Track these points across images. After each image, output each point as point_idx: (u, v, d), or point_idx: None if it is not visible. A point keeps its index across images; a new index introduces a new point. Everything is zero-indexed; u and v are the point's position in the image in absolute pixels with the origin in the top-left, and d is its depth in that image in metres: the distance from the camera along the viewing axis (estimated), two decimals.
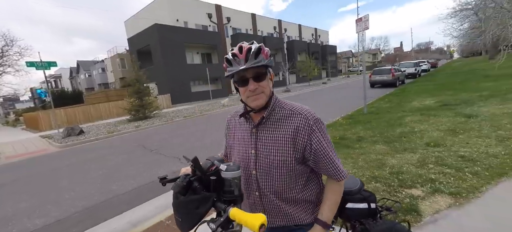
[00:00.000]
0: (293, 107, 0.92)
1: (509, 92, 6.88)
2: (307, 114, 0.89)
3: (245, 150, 0.97)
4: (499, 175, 2.47)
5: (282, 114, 0.92)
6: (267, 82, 0.89)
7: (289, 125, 0.89)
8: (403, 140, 4.08)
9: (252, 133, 0.95)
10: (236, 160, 1.02)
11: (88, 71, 42.92)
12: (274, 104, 0.94)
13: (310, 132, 0.87)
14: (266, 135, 0.92)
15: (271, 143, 0.90)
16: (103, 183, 4.27)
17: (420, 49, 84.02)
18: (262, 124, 0.93)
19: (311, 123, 0.87)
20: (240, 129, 1.02)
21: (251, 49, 0.84)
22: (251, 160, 0.94)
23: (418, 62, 25.78)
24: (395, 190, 2.52)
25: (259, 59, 0.83)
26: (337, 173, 0.90)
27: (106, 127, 11.70)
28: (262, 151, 0.92)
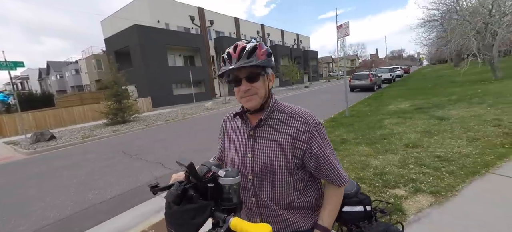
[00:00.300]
0: (293, 110, 0.89)
1: (474, 96, 7.50)
2: (307, 117, 0.86)
3: (241, 154, 0.93)
4: (473, 174, 2.65)
5: (281, 117, 0.88)
6: (262, 83, 0.85)
7: (288, 128, 0.86)
8: (384, 142, 4.26)
9: (249, 136, 0.91)
10: (231, 164, 0.97)
11: (59, 73, 40.12)
12: (273, 106, 0.90)
13: (311, 137, 0.84)
14: (264, 139, 0.88)
15: (269, 147, 0.87)
16: (78, 191, 3.96)
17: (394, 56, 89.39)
18: (260, 127, 0.89)
19: (312, 127, 0.84)
20: (237, 132, 0.98)
21: (245, 48, 0.81)
22: (248, 165, 0.90)
23: (392, 68, 27.41)
24: (380, 191, 2.61)
25: (251, 59, 0.80)
26: (338, 179, 0.88)
27: (80, 132, 10.96)
28: (260, 155, 0.88)
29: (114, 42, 22.74)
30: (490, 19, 11.43)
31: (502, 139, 3.54)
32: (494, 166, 2.77)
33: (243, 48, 0.81)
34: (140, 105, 17.51)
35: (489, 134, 3.87)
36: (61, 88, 39.41)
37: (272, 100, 0.90)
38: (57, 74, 40.26)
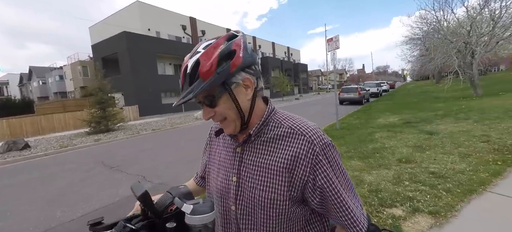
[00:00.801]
0: (294, 124, 0.65)
1: (459, 112, 7.69)
2: (312, 135, 0.61)
3: (224, 175, 0.71)
4: (470, 192, 2.56)
5: (278, 133, 0.65)
6: (227, 103, 0.61)
7: (285, 149, 0.62)
8: (376, 156, 4.17)
9: (235, 154, 0.70)
10: (213, 187, 0.76)
11: (42, 78, 38.51)
12: (268, 118, 0.67)
13: (315, 164, 0.59)
14: (253, 159, 0.66)
15: (258, 172, 0.64)
16: (45, 208, 3.55)
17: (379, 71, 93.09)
18: (250, 143, 0.68)
19: (318, 149, 0.59)
20: (222, 145, 0.76)
21: (187, 69, 0.58)
22: (231, 191, 0.69)
23: (379, 83, 28.29)
24: (377, 210, 2.45)
25: (191, 88, 0.57)
26: (352, 225, 0.61)
27: (58, 141, 10.30)
28: (246, 180, 0.66)
29: (102, 48, 22.19)
30: (469, 39, 12.06)
31: (493, 156, 3.53)
32: (490, 184, 2.70)
33: (185, 69, 0.58)
34: (126, 113, 16.89)
35: (480, 150, 3.86)
36: (43, 94, 37.72)
37: (268, 109, 0.68)
38: (40, 80, 38.62)
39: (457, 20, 13.02)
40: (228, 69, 0.57)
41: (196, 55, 0.58)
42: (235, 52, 0.58)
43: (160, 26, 24.94)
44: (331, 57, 8.07)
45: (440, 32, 13.11)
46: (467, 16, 12.45)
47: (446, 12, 12.98)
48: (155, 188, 4.04)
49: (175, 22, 26.39)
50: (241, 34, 0.62)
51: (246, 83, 0.61)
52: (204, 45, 0.59)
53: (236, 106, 0.62)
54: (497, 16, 11.33)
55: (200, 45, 0.60)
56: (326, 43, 8.09)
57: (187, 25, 27.45)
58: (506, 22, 11.49)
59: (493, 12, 11.54)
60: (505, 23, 11.54)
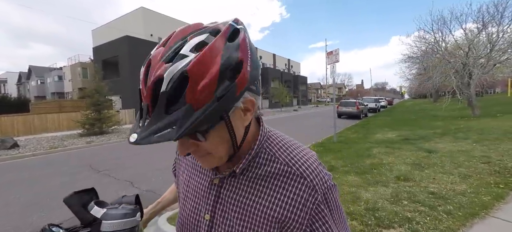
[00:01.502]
0: (291, 159, 0.49)
1: (458, 131, 7.62)
2: (313, 178, 0.47)
3: (194, 208, 0.55)
4: (472, 216, 2.42)
5: (271, 170, 0.49)
6: (218, 137, 0.42)
7: (278, 192, 0.47)
8: (374, 172, 4.02)
9: (211, 185, 0.53)
10: (178, 218, 0.60)
11: (41, 78, 38.40)
12: (260, 149, 0.50)
13: (315, 214, 0.46)
14: (235, 198, 0.50)
15: (239, 216, 0.49)
16: (22, 213, 3.34)
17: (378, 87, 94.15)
18: (232, 177, 0.51)
19: (320, 198, 0.46)
20: (193, 167, 0.59)
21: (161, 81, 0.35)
22: (202, 230, 0.53)
23: (378, 99, 28.45)
24: (373, 230, 2.29)
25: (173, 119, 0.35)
26: None
27: (49, 141, 10.05)
28: (223, 222, 0.51)
29: (103, 51, 22.27)
30: (466, 60, 12.20)
31: (495, 178, 3.40)
32: (493, 208, 2.57)
33: (159, 80, 0.35)
34: (122, 116, 16.70)
35: (480, 171, 3.74)
36: (40, 94, 37.48)
37: (260, 136, 0.50)
38: (38, 80, 38.49)
39: (455, 42, 13.23)
40: (233, 92, 0.37)
41: (179, 61, 0.35)
42: (241, 63, 0.38)
43: (162, 32, 25.19)
44: (331, 70, 8.06)
45: (439, 52, 13.28)
46: (465, 38, 12.66)
47: (445, 34, 13.20)
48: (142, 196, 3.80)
49: None
50: (242, 26, 0.42)
51: (247, 105, 0.43)
52: (194, 44, 0.36)
53: (231, 138, 0.43)
54: (494, 39, 11.51)
55: (181, 39, 0.38)
56: (326, 57, 8.11)
57: None
58: (503, 46, 11.68)
59: (490, 35, 11.73)
60: (502, 47, 11.72)
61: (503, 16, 11.30)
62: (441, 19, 12.99)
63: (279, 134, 0.54)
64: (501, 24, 11.39)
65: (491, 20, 11.59)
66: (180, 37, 0.38)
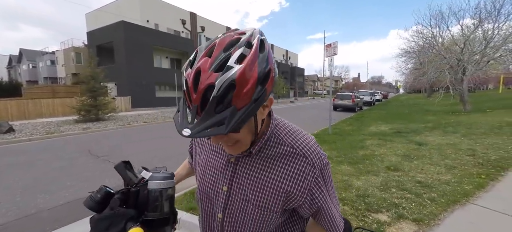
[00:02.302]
0: (296, 142, 0.62)
1: (448, 125, 7.88)
2: (314, 158, 0.60)
3: (213, 181, 0.68)
4: (453, 202, 2.61)
5: (279, 151, 0.61)
6: (247, 129, 0.53)
7: (285, 169, 0.60)
8: (366, 162, 4.21)
9: (228, 163, 0.65)
10: (198, 190, 0.74)
11: (32, 62, 37.45)
12: (271, 134, 0.62)
13: (313, 186, 0.60)
14: (249, 174, 0.63)
15: (252, 188, 0.62)
16: (25, 194, 3.43)
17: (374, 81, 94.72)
18: (247, 156, 0.63)
19: (317, 172, 0.60)
20: (212, 150, 0.71)
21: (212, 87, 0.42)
22: (220, 200, 0.66)
23: (373, 92, 28.76)
24: (363, 214, 2.47)
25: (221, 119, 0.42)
26: (332, 228, 0.66)
27: (45, 127, 10.00)
28: (239, 192, 0.64)
29: (97, 36, 21.74)
30: (461, 56, 12.40)
31: (478, 169, 3.62)
32: (474, 196, 2.76)
33: (210, 87, 0.42)
34: (118, 103, 16.58)
35: (465, 163, 3.96)
36: (32, 78, 36.66)
37: (271, 125, 0.62)
38: (30, 64, 37.55)
39: (451, 37, 13.38)
40: (264, 95, 0.46)
41: (228, 71, 0.42)
42: (270, 72, 0.47)
43: (159, 19, 24.64)
44: (329, 63, 8.14)
45: (435, 47, 13.44)
46: (462, 34, 12.81)
47: (442, 29, 13.32)
48: None
49: (175, 16, 26.12)
50: (264, 37, 0.50)
51: (267, 103, 0.54)
52: (237, 56, 0.44)
53: (255, 129, 0.55)
54: (490, 36, 11.69)
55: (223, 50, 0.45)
56: (325, 49, 8.17)
57: (187, 20, 27.18)
58: (497, 43, 11.88)
59: (486, 32, 11.90)
60: (496, 44, 11.93)
61: (499, 13, 11.45)
62: (439, 14, 13.08)
63: (285, 122, 0.68)
64: (497, 21, 11.56)
65: (488, 17, 11.74)
66: (222, 48, 0.46)
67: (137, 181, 0.62)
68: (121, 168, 0.64)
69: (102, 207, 0.56)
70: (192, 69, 0.45)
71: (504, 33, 11.63)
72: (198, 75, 0.44)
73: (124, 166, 0.65)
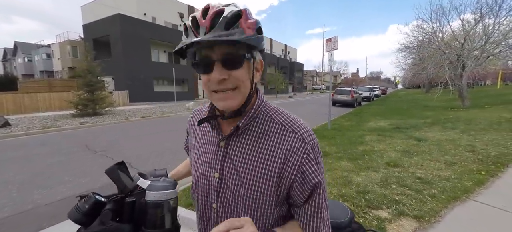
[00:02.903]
0: (285, 120, 0.60)
1: (447, 121, 7.89)
2: (303, 133, 0.58)
3: (205, 170, 0.65)
4: (454, 199, 2.60)
5: (268, 128, 0.60)
6: (246, 71, 0.56)
7: (275, 146, 0.58)
8: (365, 158, 4.19)
9: (218, 148, 0.63)
10: (193, 181, 0.70)
11: (28, 55, 36.90)
12: (258, 109, 0.61)
13: (305, 163, 0.56)
14: (239, 155, 0.60)
15: (243, 169, 0.59)
16: (22, 190, 3.38)
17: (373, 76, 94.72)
18: (236, 137, 0.61)
19: (309, 148, 0.56)
20: (202, 138, 0.69)
21: (222, 13, 0.50)
22: (213, 188, 0.63)
23: (372, 88, 28.75)
24: (363, 211, 2.45)
25: (232, 31, 0.49)
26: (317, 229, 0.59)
27: (42, 121, 9.89)
28: (230, 177, 0.61)
29: (93, 29, 21.39)
30: (461, 51, 12.36)
31: (478, 165, 3.61)
32: (474, 192, 2.76)
33: (219, 12, 0.50)
34: (115, 98, 16.46)
35: (465, 159, 3.95)
36: (28, 72, 36.18)
37: (258, 100, 0.62)
38: (25, 57, 37.00)
39: (452, 33, 13.30)
40: (259, 40, 0.54)
41: (232, 6, 0.52)
42: (261, 29, 0.56)
43: (157, 12, 24.26)
44: (328, 58, 8.06)
45: (435, 42, 13.37)
46: (462, 29, 12.73)
47: (443, 24, 13.22)
48: None
49: (173, 9, 25.75)
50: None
51: (258, 65, 0.61)
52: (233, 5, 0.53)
53: (250, 81, 0.58)
54: (490, 31, 11.63)
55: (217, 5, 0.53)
56: (325, 44, 8.07)
57: (184, 13, 26.84)
58: (497, 38, 11.83)
59: (486, 27, 11.83)
60: (496, 40, 11.88)
61: (500, 8, 11.37)
62: (440, 8, 12.97)
63: (273, 104, 0.66)
64: (498, 16, 11.48)
65: (489, 12, 11.65)
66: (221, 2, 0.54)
67: (133, 187, 0.55)
68: (114, 172, 0.55)
69: (91, 219, 0.48)
70: (199, 10, 0.53)
71: (504, 28, 11.57)
72: (206, 10, 0.52)
73: (117, 169, 0.56)
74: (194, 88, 25.69)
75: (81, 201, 0.50)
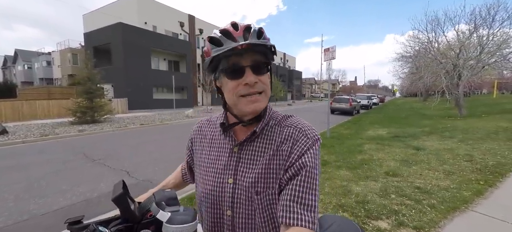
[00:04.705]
0: (293, 124, 0.65)
1: (444, 130, 7.93)
2: (308, 132, 0.62)
3: (217, 178, 0.66)
4: (453, 209, 2.60)
5: (277, 130, 0.65)
6: (268, 77, 0.64)
7: (284, 142, 0.62)
8: (364, 167, 4.19)
9: (232, 154, 0.66)
10: (202, 192, 0.69)
11: (28, 63, 37.04)
12: (269, 115, 0.68)
13: (305, 151, 0.59)
14: (252, 158, 0.63)
15: (257, 170, 0.61)
16: (18, 200, 3.34)
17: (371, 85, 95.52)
18: (250, 141, 0.65)
19: (310, 143, 0.61)
20: (213, 147, 0.71)
21: (251, 28, 0.59)
22: (227, 195, 0.63)
23: (370, 96, 28.96)
24: (363, 221, 2.44)
25: (263, 40, 0.59)
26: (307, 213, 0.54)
27: (40, 129, 9.84)
28: (245, 180, 0.62)
29: (94, 37, 21.58)
30: (457, 61, 12.55)
31: (476, 175, 3.62)
32: (473, 202, 2.76)
33: (248, 27, 0.59)
34: (115, 105, 16.44)
35: (463, 168, 3.96)
36: (27, 79, 36.23)
37: (269, 106, 0.69)
38: (25, 64, 37.12)
39: (447, 43, 13.54)
40: (273, 54, 0.63)
41: (253, 24, 0.61)
42: None
43: (157, 21, 24.58)
44: (327, 67, 8.17)
45: (431, 52, 13.59)
46: (457, 39, 12.97)
47: (438, 34, 13.48)
48: (139, 185, 3.89)
49: (173, 18, 26.10)
50: None
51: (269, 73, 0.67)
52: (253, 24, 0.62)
53: (270, 87, 0.65)
54: (485, 42, 11.85)
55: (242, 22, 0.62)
56: (323, 53, 8.19)
57: (185, 22, 27.19)
58: (492, 49, 12.05)
59: (481, 38, 12.07)
60: (491, 50, 12.10)
61: (494, 20, 11.64)
62: (435, 19, 13.25)
63: (279, 111, 0.73)
64: (491, 27, 11.74)
65: (483, 23, 11.92)
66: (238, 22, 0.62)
67: (141, 215, 0.52)
68: (123, 200, 0.51)
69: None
70: (226, 25, 0.61)
71: (498, 39, 11.81)
72: (235, 24, 0.60)
73: (125, 196, 0.52)
74: (193, 96, 25.75)
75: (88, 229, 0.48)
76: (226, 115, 0.70)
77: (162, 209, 0.51)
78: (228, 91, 0.62)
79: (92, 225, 0.48)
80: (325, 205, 2.82)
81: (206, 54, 0.63)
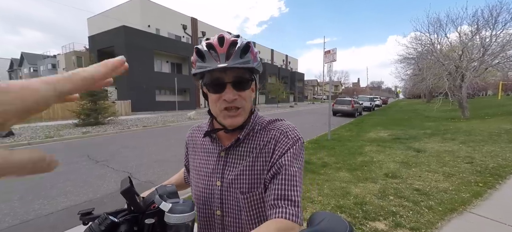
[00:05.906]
0: (276, 126, 0.69)
1: (446, 132, 7.90)
2: (290, 135, 0.66)
3: (207, 181, 0.71)
4: (451, 211, 2.62)
5: (261, 135, 0.69)
6: (249, 93, 0.67)
7: (267, 145, 0.66)
8: (364, 169, 4.22)
9: (219, 158, 0.70)
10: (195, 194, 0.75)
11: (34, 66, 37.66)
12: (254, 122, 0.71)
13: (285, 150, 0.63)
14: (238, 162, 0.68)
15: (243, 175, 0.66)
16: (23, 200, 3.42)
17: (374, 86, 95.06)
18: (236, 146, 0.69)
19: (290, 143, 0.64)
20: (203, 151, 0.76)
21: (237, 44, 0.61)
22: (216, 196, 0.69)
23: (373, 97, 28.82)
24: (360, 223, 2.47)
25: (246, 59, 0.61)
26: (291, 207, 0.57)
27: (45, 130, 10.00)
28: (232, 183, 0.67)
29: (99, 40, 21.89)
30: (460, 63, 12.48)
31: (475, 177, 3.63)
32: (471, 204, 2.77)
33: (234, 43, 0.61)
34: (118, 107, 16.63)
35: (463, 170, 3.96)
36: None
37: (255, 114, 0.72)
38: (31, 67, 37.75)
39: (449, 44, 13.48)
40: (259, 66, 0.66)
41: (240, 38, 0.62)
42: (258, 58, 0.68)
43: (160, 24, 24.85)
44: (328, 69, 8.20)
45: (433, 54, 13.53)
46: (460, 41, 12.91)
47: (440, 36, 13.43)
48: (141, 186, 3.96)
49: (176, 21, 26.37)
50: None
51: (253, 86, 0.70)
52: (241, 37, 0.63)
53: (252, 100, 0.69)
54: (487, 44, 11.78)
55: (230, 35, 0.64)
56: (324, 55, 8.23)
57: (187, 25, 27.46)
58: (495, 50, 11.96)
59: (483, 39, 12.00)
60: (494, 51, 12.02)
61: (497, 21, 11.57)
62: (437, 21, 13.21)
63: (266, 116, 0.76)
64: (494, 29, 11.66)
65: (485, 25, 11.85)
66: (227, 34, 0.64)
67: (145, 207, 0.58)
68: (130, 193, 0.56)
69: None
70: (213, 37, 0.63)
71: (501, 40, 11.73)
72: (222, 38, 0.61)
73: (132, 189, 0.57)
74: (196, 98, 25.91)
75: (95, 222, 0.52)
76: (212, 122, 0.75)
77: (164, 201, 0.57)
78: (211, 102, 0.67)
79: (103, 215, 0.54)
80: (323, 206, 2.85)
81: (193, 63, 0.66)
